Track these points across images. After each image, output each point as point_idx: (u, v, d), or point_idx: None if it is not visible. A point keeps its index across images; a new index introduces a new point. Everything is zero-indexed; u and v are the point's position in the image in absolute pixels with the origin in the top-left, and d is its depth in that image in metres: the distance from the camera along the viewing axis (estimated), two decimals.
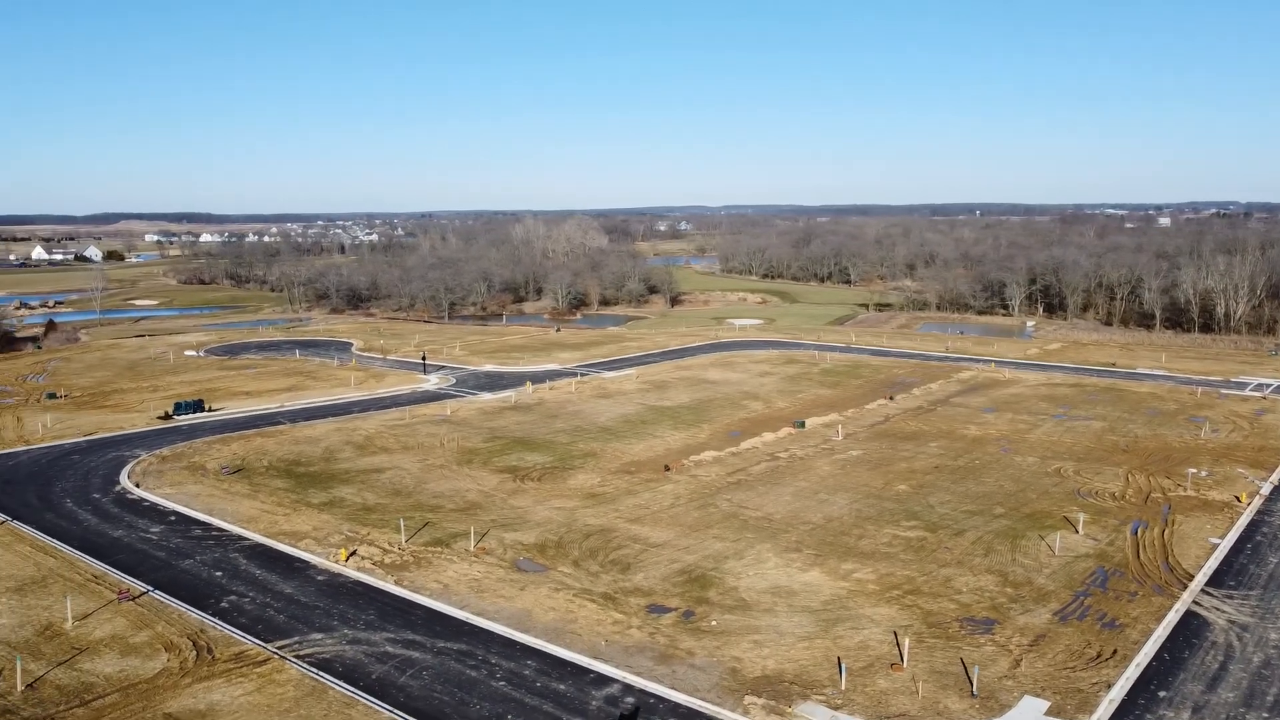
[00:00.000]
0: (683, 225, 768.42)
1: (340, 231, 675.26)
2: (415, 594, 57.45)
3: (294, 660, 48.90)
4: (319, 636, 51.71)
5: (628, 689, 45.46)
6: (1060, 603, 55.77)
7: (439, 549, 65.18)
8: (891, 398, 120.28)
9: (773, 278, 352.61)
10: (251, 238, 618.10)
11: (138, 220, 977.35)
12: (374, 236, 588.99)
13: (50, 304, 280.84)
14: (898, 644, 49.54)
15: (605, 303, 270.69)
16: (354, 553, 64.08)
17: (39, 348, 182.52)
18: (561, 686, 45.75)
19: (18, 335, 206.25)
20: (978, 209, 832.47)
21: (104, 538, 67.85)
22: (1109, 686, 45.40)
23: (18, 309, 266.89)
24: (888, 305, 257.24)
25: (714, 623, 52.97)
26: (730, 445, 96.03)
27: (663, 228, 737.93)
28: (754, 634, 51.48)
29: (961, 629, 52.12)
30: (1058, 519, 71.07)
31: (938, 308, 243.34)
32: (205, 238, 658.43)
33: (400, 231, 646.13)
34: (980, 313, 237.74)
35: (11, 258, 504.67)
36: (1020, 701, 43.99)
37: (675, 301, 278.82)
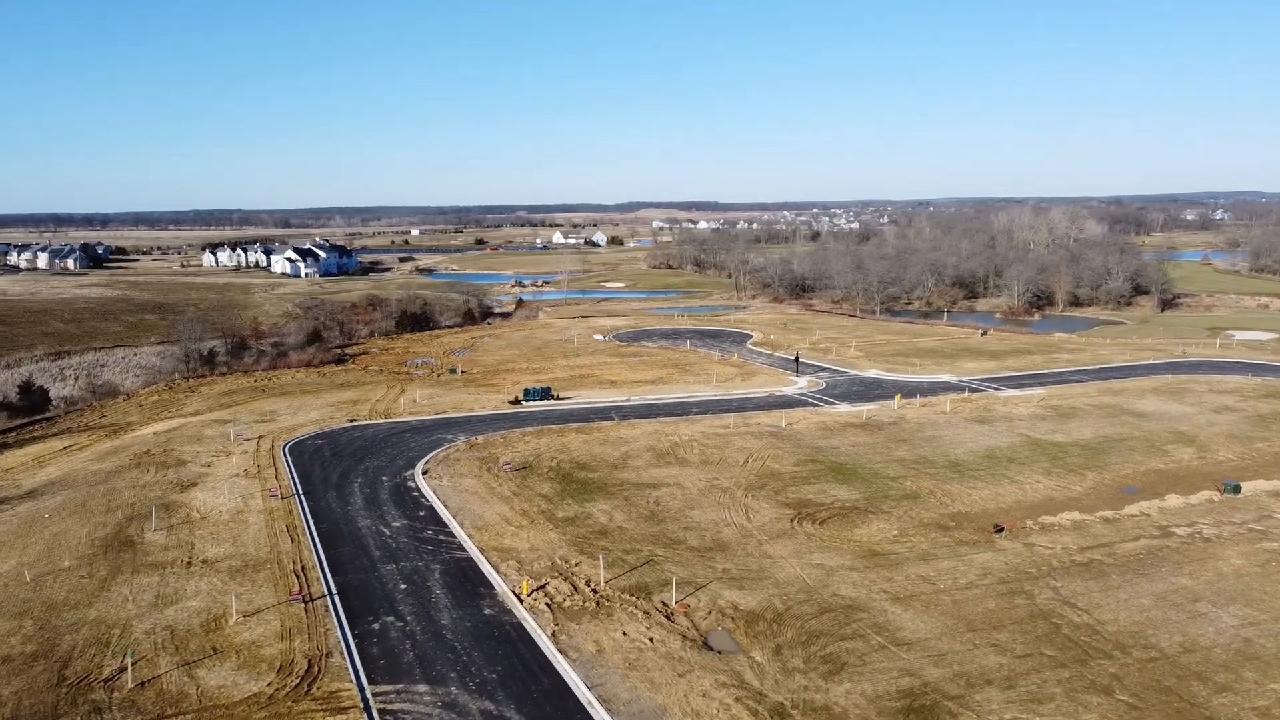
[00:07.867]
0: (1218, 214, 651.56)
1: (826, 219, 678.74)
2: (558, 656, 48.00)
3: (376, 713, 42.52)
4: (423, 690, 44.79)
5: None
6: None
7: (634, 597, 55.01)
8: None
9: None
10: (741, 224, 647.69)
11: (653, 208, 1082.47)
12: (855, 224, 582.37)
13: (539, 283, 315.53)
14: None
15: (1076, 303, 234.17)
16: (542, 586, 56.39)
17: (489, 323, 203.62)
18: None
19: (495, 310, 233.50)
20: None
21: (350, 526, 68.14)
22: None
23: (512, 287, 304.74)
24: None
25: None
26: (1109, 507, 72.16)
27: (1191, 216, 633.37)
28: None
29: None
30: None
31: None
32: (702, 224, 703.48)
33: (884, 220, 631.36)
34: None
35: (537, 242, 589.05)
36: None
37: (1167, 304, 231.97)
